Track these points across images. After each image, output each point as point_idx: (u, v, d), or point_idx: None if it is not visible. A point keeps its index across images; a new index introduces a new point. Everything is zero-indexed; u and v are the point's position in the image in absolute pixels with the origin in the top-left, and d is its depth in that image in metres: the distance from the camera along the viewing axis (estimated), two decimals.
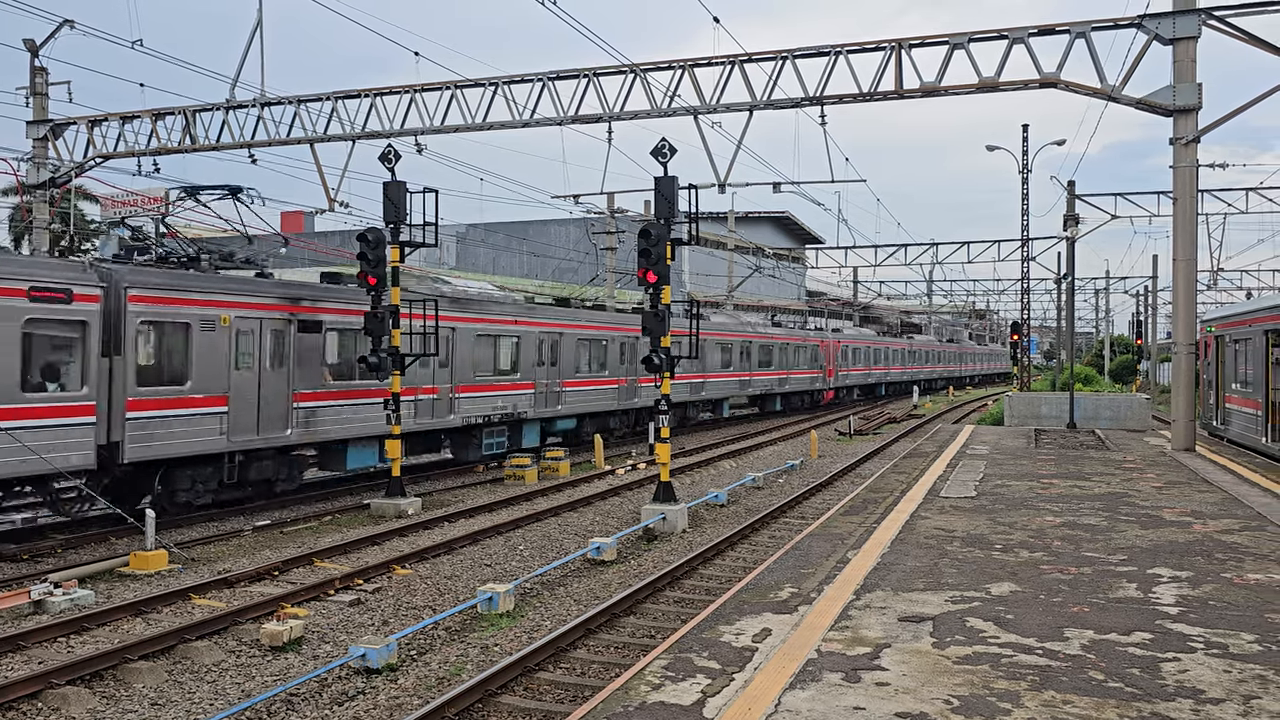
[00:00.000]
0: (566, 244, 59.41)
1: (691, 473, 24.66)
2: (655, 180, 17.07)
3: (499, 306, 24.77)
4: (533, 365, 25.26)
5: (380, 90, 23.70)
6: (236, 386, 17.02)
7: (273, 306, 17.73)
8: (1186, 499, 13.96)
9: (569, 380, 26.81)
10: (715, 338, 37.00)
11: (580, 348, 27.51)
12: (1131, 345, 71.25)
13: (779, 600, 8.44)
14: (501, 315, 24.33)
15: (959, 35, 19.85)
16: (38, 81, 26.42)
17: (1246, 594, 8.52)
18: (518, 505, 19.32)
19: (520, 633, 10.98)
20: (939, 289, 74.23)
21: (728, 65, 21.26)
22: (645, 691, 6.22)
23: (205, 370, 16.44)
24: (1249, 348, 21.47)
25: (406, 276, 21.75)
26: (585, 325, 27.97)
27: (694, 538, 16.50)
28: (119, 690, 9.20)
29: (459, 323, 22.46)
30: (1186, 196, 19.80)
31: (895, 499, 14.12)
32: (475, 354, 23.09)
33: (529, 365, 25.12)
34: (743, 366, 39.80)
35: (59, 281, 14.33)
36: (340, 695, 9.10)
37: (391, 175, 18.85)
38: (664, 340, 17.03)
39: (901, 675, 6.44)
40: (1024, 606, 8.14)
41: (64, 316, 14.42)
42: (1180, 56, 19.11)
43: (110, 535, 15.76)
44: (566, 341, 26.80)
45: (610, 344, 28.93)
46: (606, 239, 41.41)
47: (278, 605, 11.52)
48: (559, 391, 26.45)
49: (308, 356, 18.51)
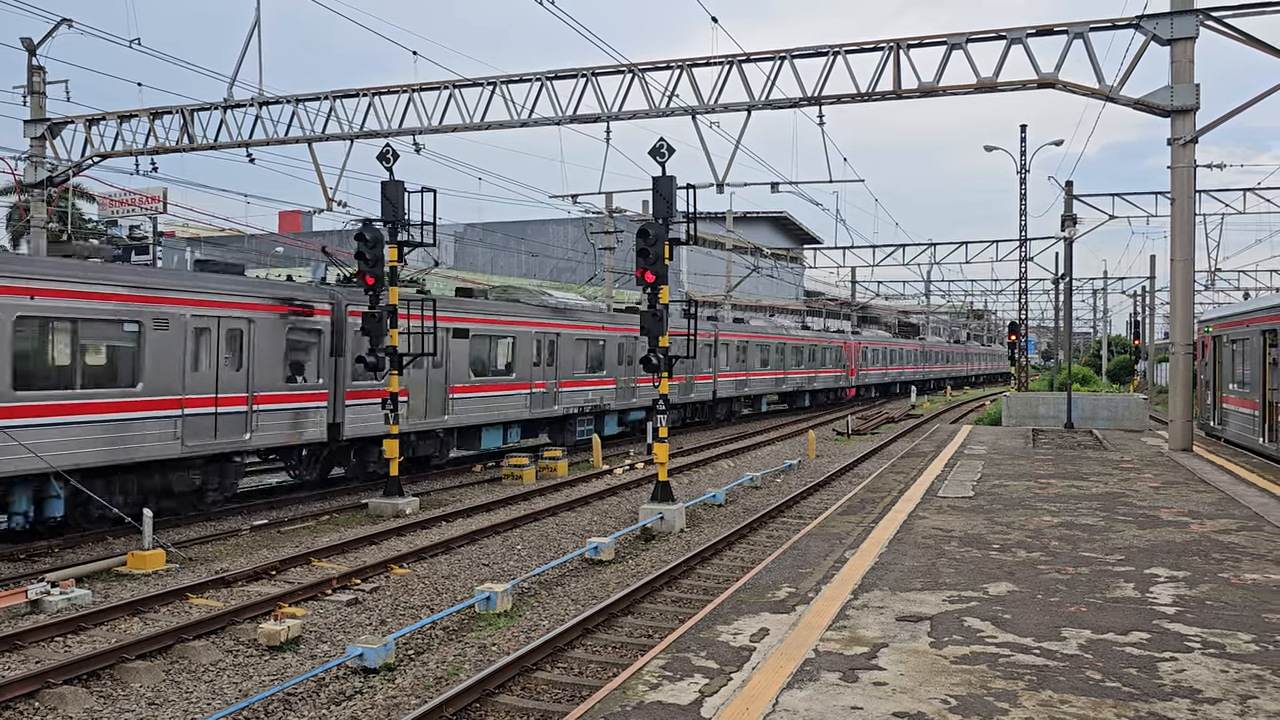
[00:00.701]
0: (565, 244, 59.42)
1: (689, 472, 24.66)
2: (653, 180, 17.07)
3: (590, 315, 29.07)
4: (615, 364, 29.58)
5: (378, 90, 23.68)
6: (414, 382, 21.11)
7: (439, 317, 20.70)
8: (1184, 499, 13.97)
9: (640, 378, 30.37)
10: (756, 340, 41.53)
11: (640, 349, 30.27)
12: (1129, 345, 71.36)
13: (777, 600, 8.44)
14: (591, 322, 28.72)
15: (957, 35, 19.86)
16: (35, 80, 26.38)
17: (1244, 594, 8.53)
18: (515, 505, 19.32)
19: (518, 632, 10.97)
20: (937, 289, 74.31)
21: (726, 65, 21.26)
22: (643, 691, 6.22)
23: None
24: (1246, 348, 21.49)
25: (521, 290, 28.38)
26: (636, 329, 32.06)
27: (692, 537, 16.50)
28: (116, 690, 9.20)
29: (562, 329, 26.96)
30: (1184, 197, 19.81)
31: (893, 499, 14.13)
32: (574, 355, 27.36)
33: (612, 364, 29.47)
34: (778, 366, 44.10)
35: (306, 299, 18.64)
36: (338, 695, 9.09)
37: (390, 175, 18.84)
38: (662, 340, 17.03)
39: (899, 675, 6.45)
40: (1021, 606, 8.15)
41: (308, 326, 18.72)
42: (1178, 57, 19.13)
43: (107, 535, 15.74)
44: (642, 344, 29.31)
45: (673, 344, 31.53)
46: (605, 239, 41.42)
47: (275, 605, 11.51)
48: (634, 387, 30.73)
49: (457, 357, 22.57)
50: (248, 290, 17.69)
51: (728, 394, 38.47)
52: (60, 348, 14.58)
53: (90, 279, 14.87)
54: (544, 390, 25.92)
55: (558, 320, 26.80)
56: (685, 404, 35.14)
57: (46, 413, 14.11)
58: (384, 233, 18.64)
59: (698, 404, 36.46)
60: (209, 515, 17.56)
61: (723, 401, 38.87)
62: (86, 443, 14.64)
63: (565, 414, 27.08)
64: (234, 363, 17.22)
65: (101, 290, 14.98)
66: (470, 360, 23.03)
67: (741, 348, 39.93)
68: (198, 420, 16.44)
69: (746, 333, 40.84)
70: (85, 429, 14.60)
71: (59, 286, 14.36)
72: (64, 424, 14.31)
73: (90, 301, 14.79)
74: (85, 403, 14.63)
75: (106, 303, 15.03)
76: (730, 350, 38.65)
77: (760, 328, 43.27)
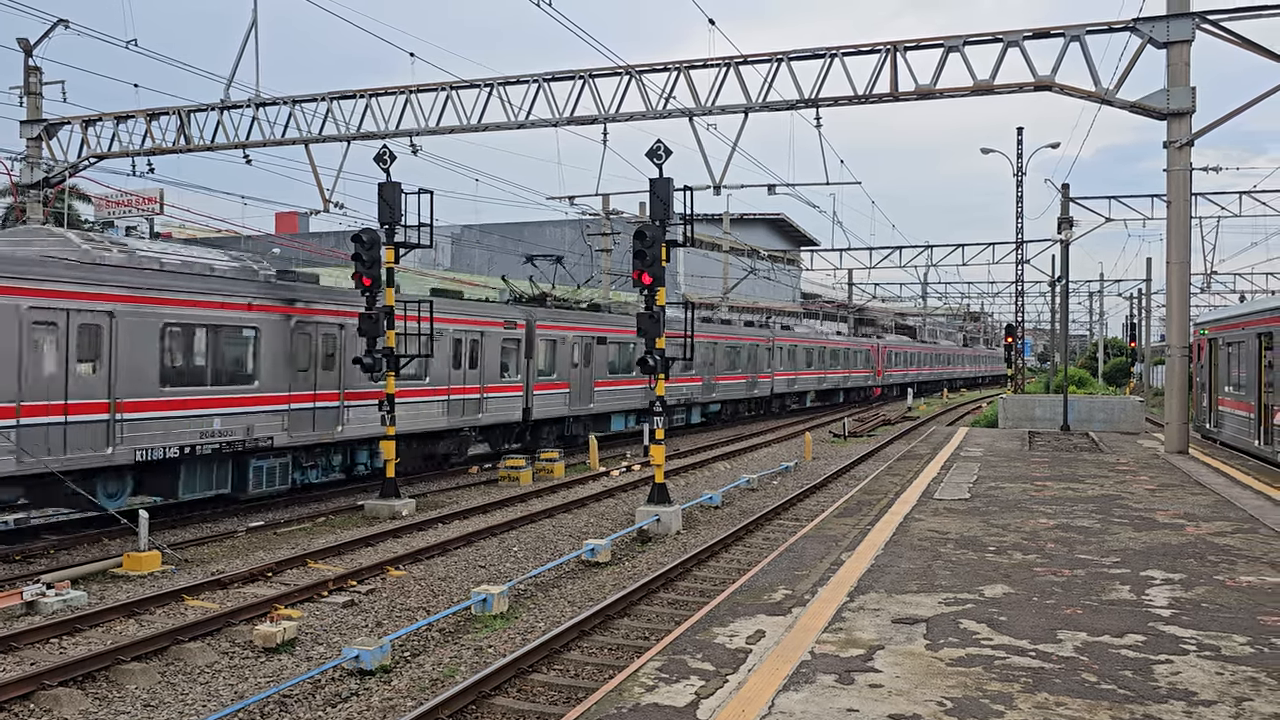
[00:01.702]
0: (562, 245, 59.39)
1: (686, 474, 24.67)
2: (650, 182, 17.07)
3: (676, 322, 33.68)
4: (700, 366, 35.49)
5: (375, 91, 23.68)
6: (574, 377, 27.44)
7: (587, 329, 28.14)
8: (1180, 501, 13.99)
9: (718, 376, 37.34)
10: (803, 345, 48.72)
11: (725, 352, 38.35)
12: (1125, 348, 71.41)
13: (773, 602, 8.44)
14: (679, 328, 33.39)
15: (954, 38, 19.89)
16: (32, 81, 26.35)
17: (1239, 596, 8.54)
18: (512, 506, 19.31)
19: (514, 634, 10.97)
20: (933, 291, 74.39)
21: (723, 67, 21.28)
22: (639, 693, 6.22)
23: (562, 367, 27.01)
24: (1242, 351, 21.54)
25: (631, 304, 32.78)
26: (728, 336, 38.95)
27: (688, 539, 16.50)
28: (112, 691, 9.18)
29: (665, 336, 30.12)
30: (1180, 200, 19.85)
31: (889, 501, 14.14)
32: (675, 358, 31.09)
33: (698, 366, 35.16)
34: (820, 366, 51.16)
35: (513, 318, 25.00)
36: (334, 697, 9.08)
37: (387, 176, 18.83)
38: (659, 342, 17.03)
39: (895, 677, 6.45)
40: (1017, 608, 8.16)
41: (513, 336, 24.91)
42: (1174, 60, 19.17)
43: (103, 536, 15.72)
44: (720, 348, 37.72)
45: (742, 349, 40.33)
46: (602, 240, 41.41)
47: (271, 606, 11.49)
48: (713, 384, 37.11)
49: (599, 359, 28.79)
50: (483, 311, 24.25)
51: (782, 390, 45.55)
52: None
53: (457, 311, 22.95)
54: (650, 384, 29.68)
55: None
56: (751, 398, 41.94)
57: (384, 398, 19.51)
58: (381, 234, 18.63)
59: (760, 398, 43.15)
60: (205, 517, 17.55)
61: (778, 397, 45.70)
62: (401, 418, 19.69)
63: (672, 404, 32.78)
64: (473, 362, 23.38)
65: (450, 316, 22.51)
66: (607, 362, 29.41)
67: (791, 351, 46.67)
68: (458, 403, 22.90)
69: (794, 338, 48.15)
70: (401, 409, 19.70)
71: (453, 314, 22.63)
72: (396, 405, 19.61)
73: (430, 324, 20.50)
74: (403, 390, 20.17)
75: (448, 325, 22.30)
76: (783, 354, 45.35)
77: (804, 334, 51.21)
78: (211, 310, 16.87)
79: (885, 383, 63.87)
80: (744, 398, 40.87)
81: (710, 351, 36.58)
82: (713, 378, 36.94)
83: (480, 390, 23.58)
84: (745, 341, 40.56)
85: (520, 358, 25.11)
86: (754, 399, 42.49)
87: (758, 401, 43.33)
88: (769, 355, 43.14)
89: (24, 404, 13.90)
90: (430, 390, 21.87)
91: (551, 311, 27.21)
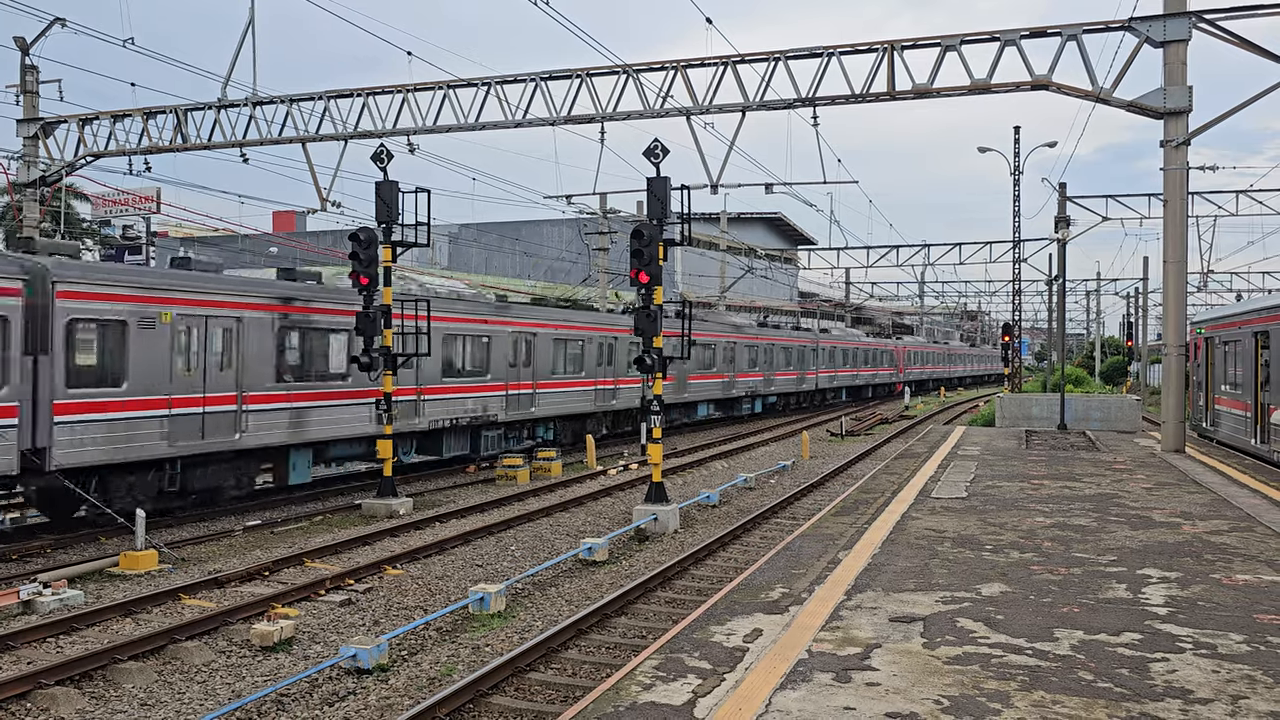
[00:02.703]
0: (559, 244, 59.37)
1: (683, 473, 24.67)
2: (648, 181, 17.07)
3: (751, 329, 42.59)
4: (762, 363, 42.88)
5: (373, 90, 23.66)
6: (675, 371, 32.41)
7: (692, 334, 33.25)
8: (1176, 500, 14.01)
9: (776, 373, 44.79)
10: (840, 346, 55.47)
11: (781, 352, 45.49)
12: (1122, 347, 71.47)
13: (770, 600, 8.45)
14: (754, 334, 42.35)
15: (951, 37, 19.89)
16: (28, 80, 26.29)
17: (1235, 595, 8.56)
18: (509, 505, 19.31)
19: (512, 633, 10.97)
20: (930, 290, 74.42)
21: (720, 66, 21.27)
22: (636, 692, 6.23)
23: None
24: (1238, 349, 21.57)
25: (710, 311, 41.70)
26: (782, 339, 45.90)
27: (686, 538, 16.51)
28: (108, 691, 9.17)
29: (738, 339, 40.27)
30: (1177, 199, 19.86)
31: (886, 500, 14.15)
32: (747, 356, 41.17)
33: (760, 363, 42.78)
34: (854, 365, 57.88)
35: (609, 328, 30.37)
36: (331, 696, 9.08)
37: (384, 175, 18.82)
38: (656, 341, 17.03)
39: (892, 675, 6.46)
40: (1014, 607, 8.17)
41: (609, 343, 29.96)
42: (1171, 59, 19.18)
43: (100, 535, 15.71)
44: (777, 348, 45.13)
45: (793, 350, 47.38)
46: (599, 239, 41.40)
47: (268, 605, 11.49)
48: (773, 379, 44.51)
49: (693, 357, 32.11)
50: (616, 321, 30.52)
51: (824, 386, 52.62)
52: (564, 354, 27.42)
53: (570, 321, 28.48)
54: (729, 379, 39.23)
55: (736, 333, 40.22)
56: (799, 392, 49.51)
57: (553, 386, 26.73)
58: (378, 233, 18.62)
59: (807, 392, 50.56)
60: (202, 516, 17.53)
61: (820, 391, 52.74)
62: (567, 402, 27.13)
63: (738, 396, 40.74)
64: (610, 360, 29.90)
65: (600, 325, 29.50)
66: (698, 360, 35.21)
67: (831, 352, 53.51)
68: (603, 393, 29.45)
69: (833, 340, 54.86)
70: (569, 395, 27.19)
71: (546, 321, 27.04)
72: (561, 393, 27.09)
73: (571, 331, 27.65)
74: (562, 381, 27.08)
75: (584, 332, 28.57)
76: (825, 354, 52.34)
77: (839, 336, 57.54)
78: (469, 324, 23.37)
79: (906, 379, 71.20)
80: (795, 391, 48.53)
81: (770, 352, 43.82)
82: (772, 374, 44.34)
83: (614, 382, 30.21)
84: (795, 344, 47.88)
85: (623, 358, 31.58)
86: (802, 393, 50.05)
87: (805, 395, 51.10)
88: (814, 355, 50.63)
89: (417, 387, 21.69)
90: (583, 382, 28.62)
91: (603, 314, 33.48)
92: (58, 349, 14.38)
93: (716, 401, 38.81)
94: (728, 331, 39.28)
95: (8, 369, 13.85)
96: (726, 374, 38.95)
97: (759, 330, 43.41)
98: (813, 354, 50.08)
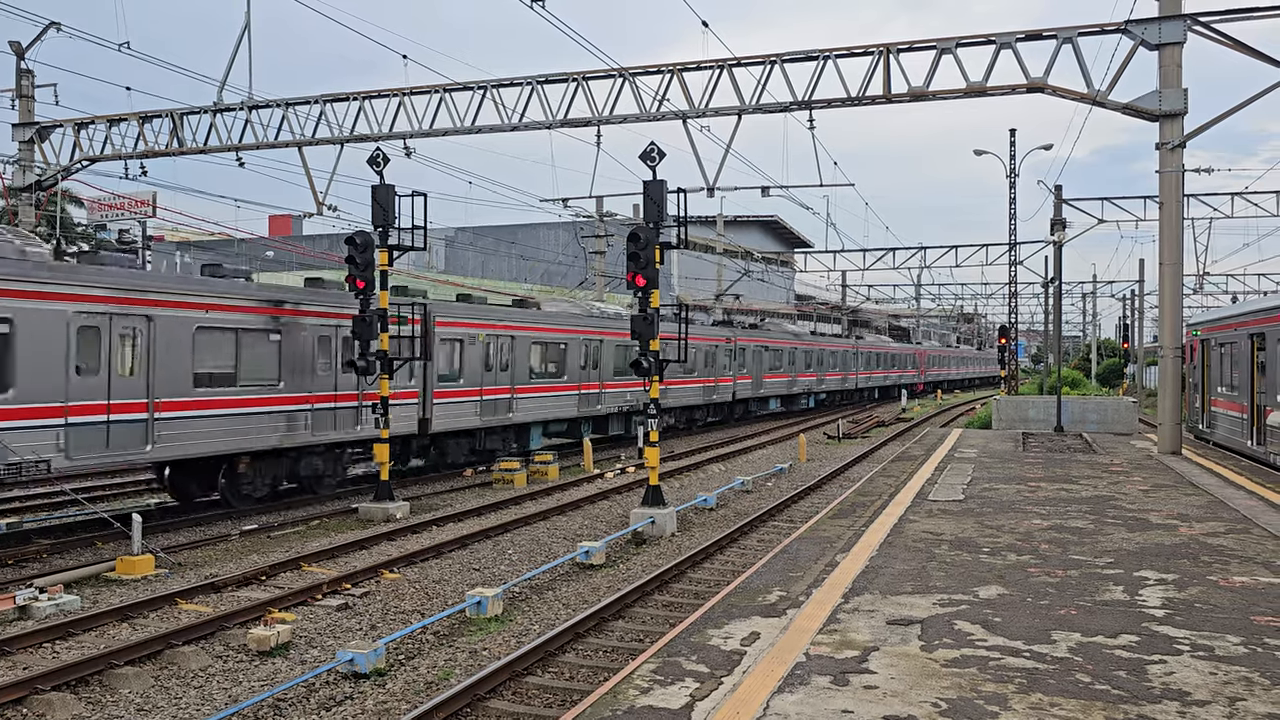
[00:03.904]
0: (555, 247, 59.38)
1: (680, 476, 24.65)
2: (644, 184, 17.07)
3: (806, 336, 52.60)
4: (816, 365, 50.58)
5: (369, 93, 23.66)
6: (753, 372, 41.69)
7: (749, 340, 41.84)
8: (1173, 502, 14.02)
9: (826, 373, 52.46)
10: (875, 351, 63.90)
11: (829, 356, 53.02)
12: (1118, 349, 71.54)
13: (768, 604, 8.44)
14: (809, 340, 51.44)
15: (947, 40, 19.92)
16: (24, 84, 26.28)
17: (1232, 596, 8.56)
18: (506, 509, 19.29)
19: (509, 637, 10.95)
20: (927, 292, 74.49)
21: (716, 69, 21.29)
22: (634, 695, 6.22)
23: (699, 366, 36.46)
24: (1234, 351, 21.60)
25: (772, 322, 52.91)
26: (829, 345, 53.94)
27: (683, 541, 16.50)
28: (105, 696, 9.15)
29: (797, 346, 48.51)
30: (1172, 201, 19.90)
31: (884, 502, 14.15)
32: (804, 359, 49.00)
33: (816, 364, 50.62)
34: (885, 367, 66.45)
35: (719, 334, 38.17)
36: (328, 700, 9.06)
37: (380, 178, 18.81)
38: (653, 344, 17.02)
39: (890, 678, 6.45)
40: (1011, 609, 8.16)
41: (729, 348, 38.53)
42: (1166, 62, 19.22)
43: (96, 540, 15.68)
44: (826, 353, 52.32)
45: (838, 354, 54.86)
46: (595, 242, 41.40)
47: (265, 610, 11.47)
48: (824, 379, 52.26)
49: (753, 359, 41.96)
50: (727, 331, 38.86)
51: (862, 385, 60.63)
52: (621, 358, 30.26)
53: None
54: (790, 379, 47.07)
55: (796, 340, 49.03)
56: (844, 390, 57.30)
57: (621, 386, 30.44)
58: (375, 237, 18.61)
59: (849, 390, 58.66)
60: (199, 520, 17.49)
61: (859, 390, 61.05)
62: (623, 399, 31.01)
63: (799, 392, 48.91)
64: (722, 361, 38.31)
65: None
66: (769, 362, 43.74)
67: (868, 356, 61.77)
68: (716, 389, 37.25)
69: (870, 345, 63.23)
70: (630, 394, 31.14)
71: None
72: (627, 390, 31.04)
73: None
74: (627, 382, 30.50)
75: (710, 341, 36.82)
76: (863, 358, 60.45)
77: (873, 342, 66.17)
78: (606, 337, 29.21)
79: (926, 380, 79.62)
80: (840, 389, 56.48)
81: (821, 357, 51.85)
82: (824, 374, 52.39)
83: (735, 382, 39.52)
84: (839, 349, 55.96)
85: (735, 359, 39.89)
86: (845, 391, 57.98)
87: (849, 393, 59.37)
88: (855, 358, 58.37)
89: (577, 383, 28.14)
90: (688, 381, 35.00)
91: (709, 328, 38.88)
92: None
93: (782, 397, 47.28)
94: (789, 339, 48.31)
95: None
96: (789, 374, 47.00)
97: (812, 338, 53.49)
98: (854, 358, 58.44)
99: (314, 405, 18.92)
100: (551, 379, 27.07)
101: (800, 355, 48.35)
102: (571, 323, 28.25)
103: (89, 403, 14.87)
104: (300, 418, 18.61)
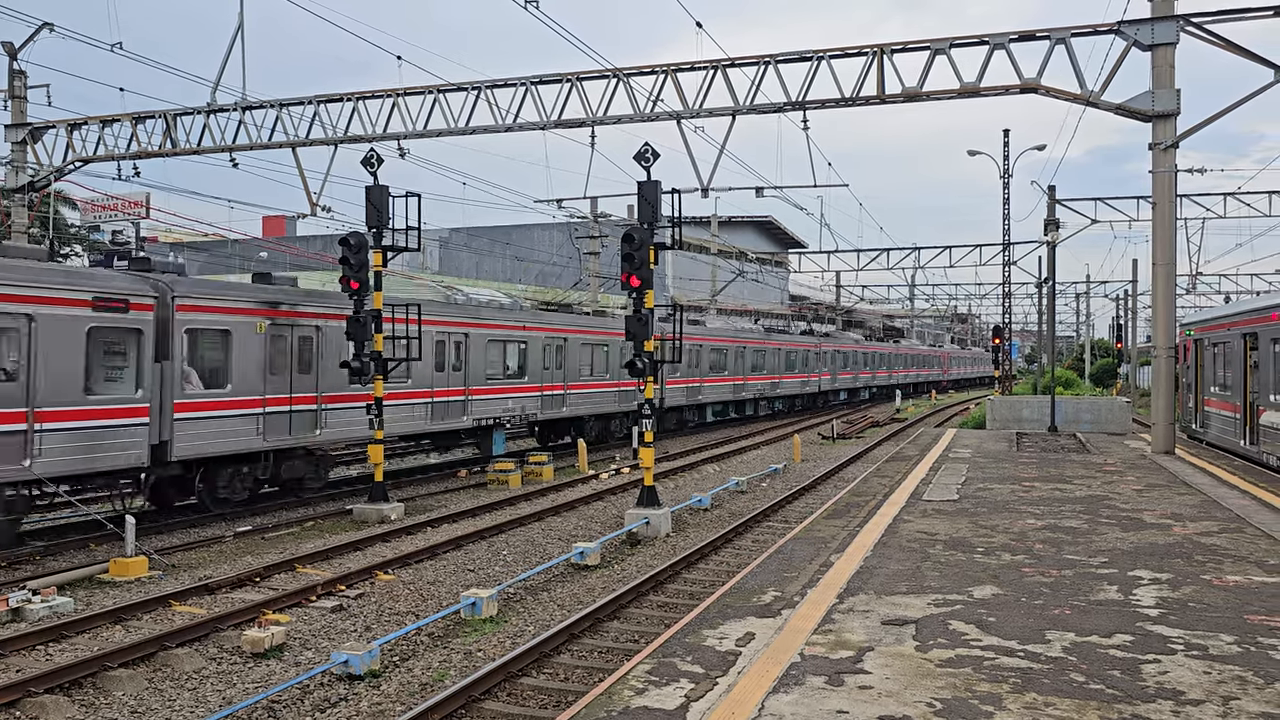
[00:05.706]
0: (550, 248, 59.37)
1: (675, 477, 24.65)
2: (638, 185, 17.07)
3: (847, 338, 58.72)
4: (856, 364, 57.18)
5: (363, 94, 23.63)
6: (793, 371, 47.82)
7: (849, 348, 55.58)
8: (1166, 501, 14.05)
9: (862, 372, 60.03)
10: (909, 354, 73.11)
11: (873, 357, 61.47)
12: (1112, 349, 71.70)
13: (762, 604, 8.44)
14: (845, 342, 57.09)
15: (941, 41, 19.96)
16: (16, 85, 26.20)
17: (1226, 595, 8.58)
18: (501, 510, 19.27)
19: (504, 638, 10.95)
20: (921, 292, 74.62)
21: (710, 70, 21.30)
22: (629, 696, 6.22)
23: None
24: (1227, 351, 21.66)
25: (835, 329, 60.70)
26: (872, 347, 62.53)
27: (678, 542, 16.50)
28: (98, 698, 9.12)
29: (839, 349, 55.09)
30: (1165, 201, 19.95)
31: (878, 503, 14.16)
32: (843, 359, 55.33)
33: (855, 364, 57.63)
34: (919, 367, 75.85)
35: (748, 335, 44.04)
36: (323, 702, 9.05)
37: (374, 179, 18.79)
38: (647, 345, 17.03)
39: (884, 678, 6.46)
40: (1006, 609, 8.18)
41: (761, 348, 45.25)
42: (1159, 62, 19.27)
43: (90, 542, 15.63)
44: (869, 354, 61.07)
45: (879, 355, 63.98)
46: (590, 243, 41.41)
47: (259, 611, 11.45)
48: (859, 377, 58.97)
49: (792, 359, 47.81)
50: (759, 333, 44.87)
51: (898, 382, 68.83)
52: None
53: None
54: (817, 379, 51.66)
55: (856, 345, 57.91)
56: (859, 388, 62.00)
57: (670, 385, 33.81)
58: (369, 237, 18.60)
59: (885, 386, 66.16)
60: (192, 522, 17.46)
61: (895, 386, 68.24)
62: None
63: (827, 390, 53.72)
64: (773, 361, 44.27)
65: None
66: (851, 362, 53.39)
67: (905, 358, 71.37)
68: (752, 386, 41.33)
69: (905, 349, 72.95)
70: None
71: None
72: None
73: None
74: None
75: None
76: (901, 359, 69.97)
77: (908, 345, 76.02)
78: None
79: (949, 379, 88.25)
80: (881, 385, 64.96)
81: (863, 357, 59.77)
82: (860, 373, 60.09)
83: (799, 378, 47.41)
84: (878, 351, 64.73)
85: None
86: (865, 387, 63.39)
87: (885, 389, 66.96)
88: (893, 359, 67.46)
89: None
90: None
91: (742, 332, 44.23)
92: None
93: (810, 395, 52.97)
94: (849, 344, 57.66)
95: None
96: (814, 374, 52.79)
97: (868, 342, 64.01)
98: (896, 358, 69.15)
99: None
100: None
101: (858, 356, 58.22)
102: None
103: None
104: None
